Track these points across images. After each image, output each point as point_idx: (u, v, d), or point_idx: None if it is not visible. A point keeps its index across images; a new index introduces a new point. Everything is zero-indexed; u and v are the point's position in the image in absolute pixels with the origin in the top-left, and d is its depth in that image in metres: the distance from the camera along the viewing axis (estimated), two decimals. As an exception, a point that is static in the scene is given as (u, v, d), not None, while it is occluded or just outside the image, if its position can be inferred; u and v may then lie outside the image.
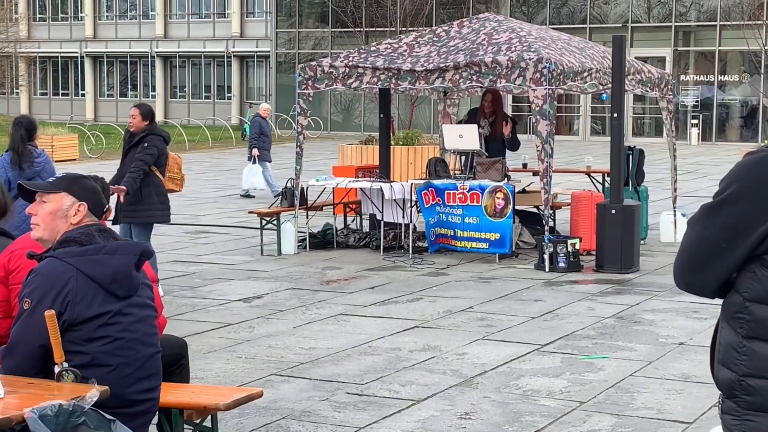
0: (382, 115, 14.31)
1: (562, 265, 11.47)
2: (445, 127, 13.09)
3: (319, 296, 10.21)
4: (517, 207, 12.45)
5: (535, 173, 14.22)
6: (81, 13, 54.82)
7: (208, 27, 51.54)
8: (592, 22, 40.06)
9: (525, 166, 15.64)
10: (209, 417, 5.09)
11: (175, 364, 5.34)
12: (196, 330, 8.73)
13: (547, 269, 11.46)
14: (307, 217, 13.29)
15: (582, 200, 12.74)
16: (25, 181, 4.72)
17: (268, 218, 13.00)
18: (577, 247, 11.62)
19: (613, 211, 11.40)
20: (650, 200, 14.79)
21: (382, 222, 12.92)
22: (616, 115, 11.77)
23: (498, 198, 11.97)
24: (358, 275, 11.39)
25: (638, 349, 8.10)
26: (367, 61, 12.79)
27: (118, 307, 4.26)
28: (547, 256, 11.50)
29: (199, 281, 11.07)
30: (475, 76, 12.08)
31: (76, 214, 4.39)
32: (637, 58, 15.91)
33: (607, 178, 13.61)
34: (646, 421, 6.33)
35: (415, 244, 12.64)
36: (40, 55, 54.73)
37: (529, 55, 11.82)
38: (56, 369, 4.16)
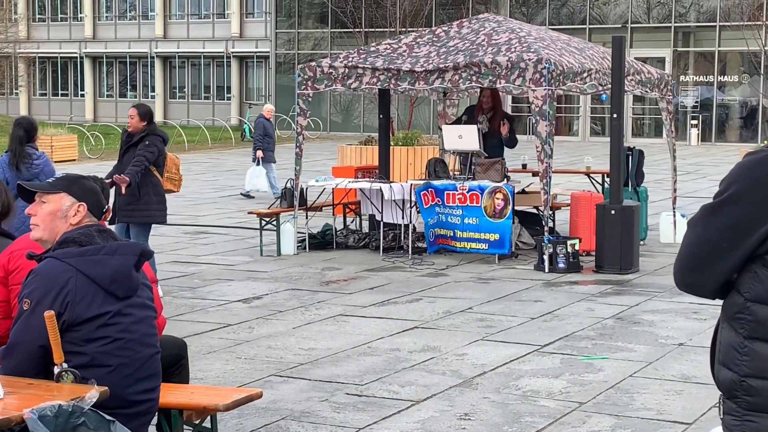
0: (381, 116, 14.30)
1: (561, 265, 11.47)
2: (444, 128, 13.08)
3: (319, 297, 10.20)
4: (516, 207, 12.45)
5: (535, 174, 14.22)
6: (80, 13, 54.81)
7: (208, 27, 51.54)
8: (591, 22, 40.07)
9: (524, 166, 15.64)
10: (209, 418, 5.09)
11: (174, 364, 5.34)
12: (196, 330, 8.72)
13: (547, 270, 11.45)
14: (307, 218, 13.29)
15: (581, 201, 12.74)
16: (25, 182, 4.72)
17: (268, 219, 13.00)
18: (577, 247, 11.62)
19: (613, 212, 11.39)
20: (650, 201, 14.80)
21: (382, 222, 12.92)
22: (615, 116, 11.77)
23: (497, 198, 11.97)
24: (357, 276, 11.39)
25: (638, 350, 8.10)
26: (366, 61, 12.79)
27: (118, 308, 4.25)
28: (546, 257, 11.50)
29: (199, 282, 11.07)
30: (474, 77, 12.07)
31: (76, 214, 4.38)
32: (637, 59, 15.90)
33: (607, 179, 13.60)
34: (645, 421, 6.33)
35: (415, 245, 12.64)
36: (39, 55, 54.72)
37: (529, 55, 11.82)
38: (56, 370, 4.15)
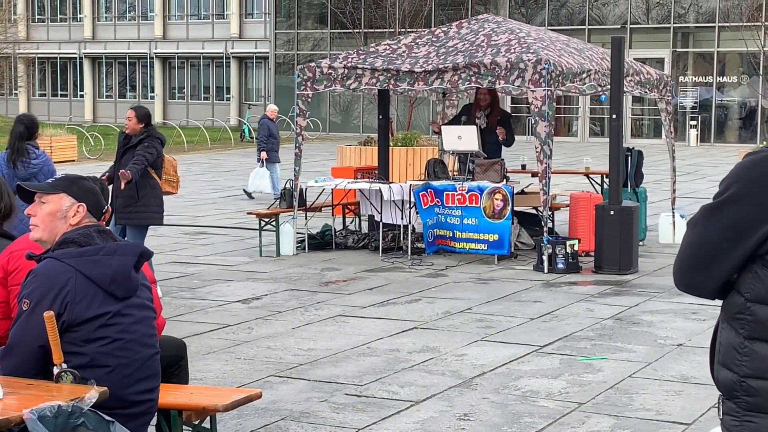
0: (381, 116, 14.30)
1: (560, 266, 11.47)
2: (444, 129, 13.08)
3: (318, 297, 10.20)
4: (515, 208, 12.45)
5: (534, 174, 14.22)
6: (80, 14, 54.82)
7: (207, 28, 51.55)
8: (590, 23, 40.09)
9: (524, 167, 15.65)
10: (208, 418, 5.08)
11: (174, 365, 5.34)
12: (195, 331, 8.72)
13: (546, 270, 11.45)
14: (306, 218, 13.29)
15: (581, 201, 12.74)
16: (25, 182, 4.72)
17: (267, 219, 13.00)
18: (576, 248, 11.62)
19: (612, 213, 11.40)
20: (649, 201, 14.80)
21: (381, 223, 12.92)
22: (614, 117, 11.77)
23: (497, 199, 11.97)
24: (356, 276, 11.39)
25: (637, 351, 8.10)
26: (365, 62, 12.79)
27: (117, 308, 4.25)
28: (545, 258, 11.50)
29: (198, 282, 11.06)
30: (474, 77, 12.07)
31: (75, 215, 4.39)
32: (636, 60, 15.90)
33: (606, 180, 13.60)
34: (645, 422, 6.33)
35: (414, 245, 12.64)
36: (38, 56, 54.73)
37: (528, 56, 11.82)
38: (55, 370, 4.15)
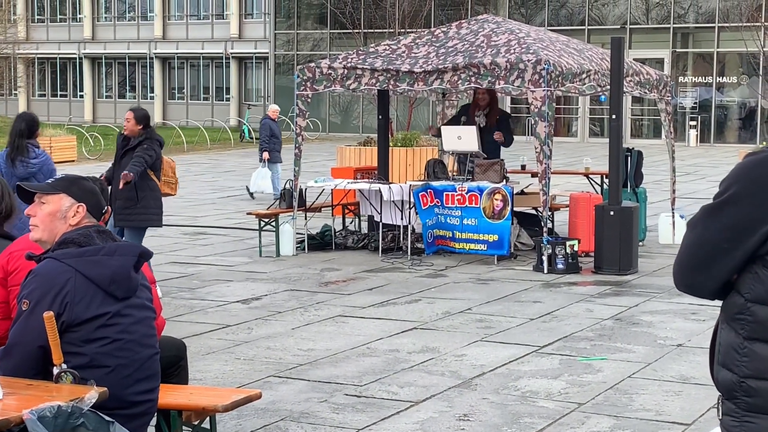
0: (380, 117, 14.30)
1: (560, 266, 11.47)
2: (444, 129, 13.08)
3: (318, 298, 10.20)
4: (515, 208, 12.45)
5: (534, 175, 14.22)
6: (79, 14, 54.82)
7: (207, 28, 51.55)
8: (590, 23, 40.09)
9: (523, 167, 15.64)
10: (208, 418, 5.08)
11: (173, 365, 5.34)
12: (195, 331, 8.72)
13: (546, 271, 11.45)
14: (306, 219, 13.29)
15: (580, 202, 12.74)
16: (25, 183, 4.72)
17: (267, 220, 13.00)
18: (576, 248, 11.62)
19: (612, 213, 11.39)
20: (649, 202, 14.79)
21: (381, 223, 12.92)
22: (614, 117, 11.76)
23: (496, 199, 11.97)
24: (356, 277, 11.39)
25: (637, 351, 8.10)
26: (365, 62, 12.78)
27: (117, 309, 4.25)
28: (545, 258, 11.50)
29: (198, 282, 11.06)
30: (473, 78, 12.07)
31: (75, 215, 4.39)
32: (636, 60, 15.90)
33: (606, 180, 13.60)
34: (644, 422, 6.33)
35: (414, 246, 12.64)
36: (38, 56, 54.72)
37: (528, 56, 11.82)
38: (55, 370, 4.15)
